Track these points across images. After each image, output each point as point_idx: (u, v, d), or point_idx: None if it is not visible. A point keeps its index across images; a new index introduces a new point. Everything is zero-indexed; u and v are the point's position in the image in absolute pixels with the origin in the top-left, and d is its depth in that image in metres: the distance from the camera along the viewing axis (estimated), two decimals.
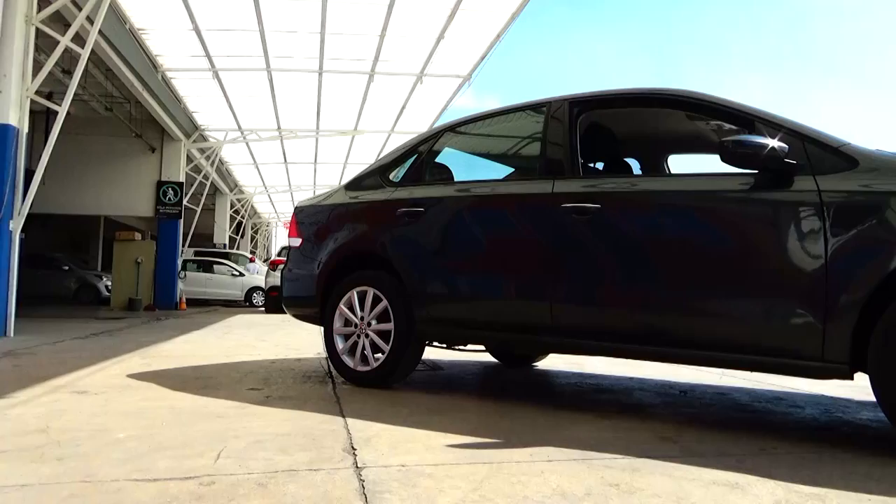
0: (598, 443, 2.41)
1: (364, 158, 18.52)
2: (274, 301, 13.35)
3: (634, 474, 2.02)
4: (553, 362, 4.98)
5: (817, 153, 2.52)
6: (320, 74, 12.67)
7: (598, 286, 2.95)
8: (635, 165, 4.02)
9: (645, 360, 3.02)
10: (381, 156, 4.60)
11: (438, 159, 3.96)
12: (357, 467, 2.06)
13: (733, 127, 2.89)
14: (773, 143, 2.50)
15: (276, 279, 13.08)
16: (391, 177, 3.96)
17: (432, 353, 5.22)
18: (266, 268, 17.30)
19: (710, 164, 3.99)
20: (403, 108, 14.77)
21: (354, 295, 3.73)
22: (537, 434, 2.55)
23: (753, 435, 2.62)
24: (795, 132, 2.58)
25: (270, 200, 29.80)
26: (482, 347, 4.45)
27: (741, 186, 2.64)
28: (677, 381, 4.13)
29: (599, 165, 3.97)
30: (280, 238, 40.57)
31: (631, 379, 4.23)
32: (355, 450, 2.27)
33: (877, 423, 2.92)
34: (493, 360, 5.01)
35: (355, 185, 4.14)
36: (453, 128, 3.97)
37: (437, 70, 12.61)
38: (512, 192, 3.40)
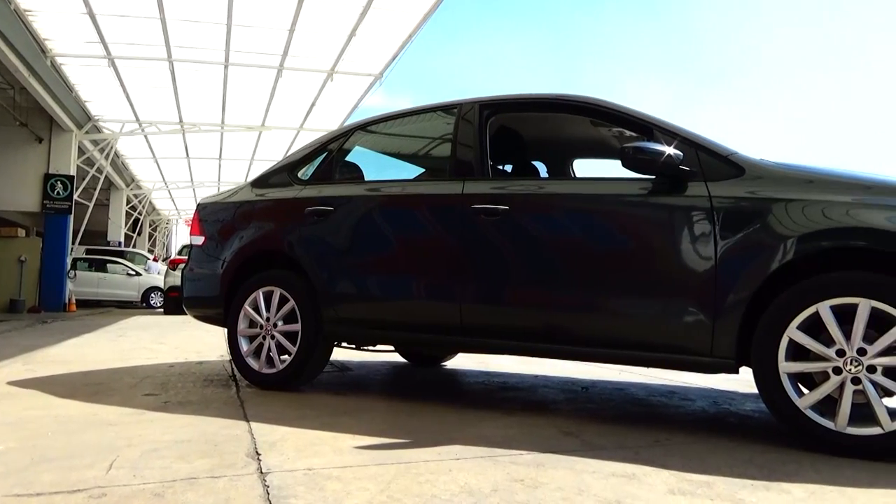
0: (504, 439, 2.46)
1: (271, 155, 18.04)
2: (174, 302, 12.74)
3: (539, 469, 2.07)
4: (461, 361, 5.04)
5: (709, 161, 2.68)
6: (226, 67, 12.24)
7: (505, 286, 3.01)
8: (542, 168, 4.14)
9: (550, 358, 3.11)
10: (290, 153, 4.49)
11: (349, 158, 3.92)
12: (261, 473, 2.00)
13: (633, 134, 3.02)
14: (670, 150, 2.64)
15: (175, 279, 12.50)
16: (300, 175, 3.88)
17: (341, 353, 5.16)
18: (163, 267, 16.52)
19: (612, 168, 4.16)
20: (313, 105, 14.51)
21: (260, 295, 3.63)
22: (445, 433, 2.57)
23: (649, 427, 2.75)
24: (690, 140, 2.73)
25: (171, 197, 28.46)
26: (391, 348, 4.44)
27: (640, 191, 2.77)
28: (580, 377, 4.28)
29: (508, 168, 4.05)
30: (181, 236, 38.85)
31: (536, 376, 4.34)
32: (259, 455, 2.21)
33: (759, 414, 3.14)
34: (402, 360, 5.01)
35: (262, 182, 4.03)
36: (364, 126, 3.94)
37: (348, 68, 12.48)
38: (422, 193, 3.42)
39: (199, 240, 4.07)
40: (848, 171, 2.55)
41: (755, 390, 2.52)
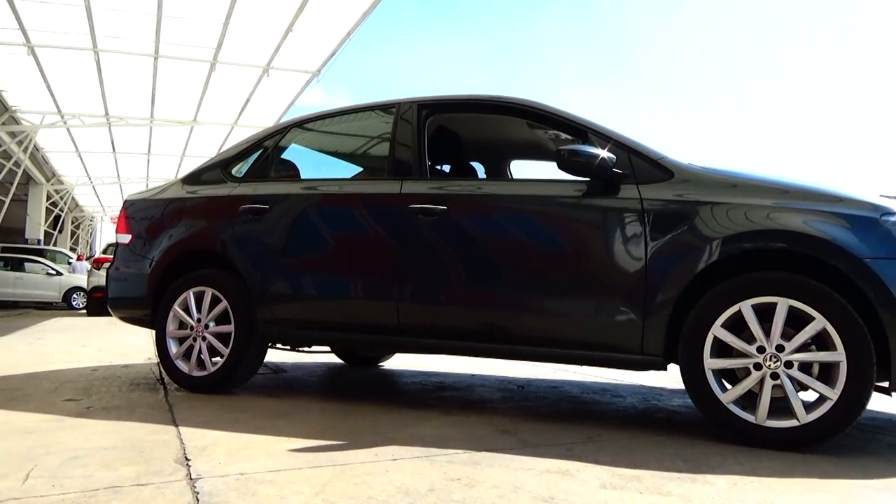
0: (441, 439, 2.47)
1: (204, 152, 17.53)
2: (98, 303, 12.19)
3: (475, 468, 2.09)
4: (398, 362, 5.02)
5: (640, 164, 2.76)
6: (156, 59, 11.82)
7: (443, 286, 3.02)
8: (480, 169, 4.17)
9: (487, 357, 3.13)
10: (224, 150, 4.38)
11: (285, 155, 3.84)
12: (191, 479, 1.94)
13: (569, 137, 3.08)
14: (604, 153, 2.71)
15: (100, 279, 11.96)
16: (233, 171, 3.78)
17: (275, 355, 5.06)
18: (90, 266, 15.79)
19: (548, 170, 4.24)
20: (248, 100, 14.19)
21: (191, 296, 3.52)
22: (382, 433, 2.56)
23: (582, 424, 2.81)
24: (622, 144, 2.81)
25: (95, 193, 27.25)
26: (327, 349, 4.38)
27: (575, 193, 2.83)
28: (516, 376, 4.34)
29: (446, 168, 4.07)
30: (106, 234, 37.19)
31: (473, 376, 4.37)
32: (189, 460, 2.14)
33: (685, 409, 3.26)
34: (338, 361, 4.95)
35: (194, 178, 3.90)
36: (301, 124, 3.87)
37: (284, 63, 12.26)
38: (360, 192, 3.39)
39: (126, 238, 3.91)
40: (768, 176, 2.68)
41: (682, 386, 2.61)
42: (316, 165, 4.20)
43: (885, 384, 2.37)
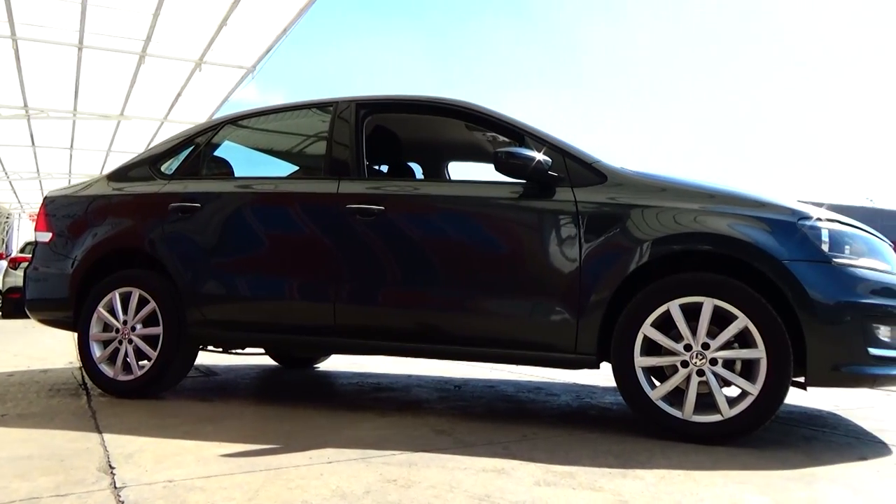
0: (377, 440, 2.45)
1: (132, 147, 16.81)
2: (14, 304, 11.54)
3: (412, 468, 2.08)
4: (335, 363, 4.96)
5: (575, 167, 2.82)
6: (80, 49, 11.27)
7: (380, 287, 3.01)
8: (418, 170, 4.17)
9: (425, 357, 3.14)
10: (153, 145, 4.22)
11: (217, 153, 3.74)
12: (115, 488, 1.86)
13: (506, 139, 3.12)
14: (540, 156, 2.75)
15: (17, 279, 11.31)
16: (163, 168, 3.65)
17: (206, 357, 4.91)
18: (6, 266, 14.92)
19: (485, 172, 4.27)
20: (179, 95, 13.72)
21: (117, 297, 3.37)
22: (317, 436, 2.52)
23: (517, 423, 2.85)
24: (558, 147, 2.87)
25: (13, 188, 25.76)
26: (261, 350, 4.29)
27: (511, 194, 2.87)
28: (452, 376, 4.36)
29: (384, 168, 4.05)
30: (24, 232, 35.26)
31: (410, 376, 4.37)
32: (113, 468, 2.05)
33: (617, 406, 3.35)
34: (272, 363, 4.85)
35: (121, 175, 3.75)
36: (235, 120, 3.77)
37: (218, 58, 11.91)
38: (296, 191, 3.33)
39: (46, 236, 3.72)
40: (695, 181, 2.79)
41: (614, 384, 2.68)
42: (250, 163, 4.11)
43: (801, 379, 2.50)
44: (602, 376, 3.79)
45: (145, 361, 3.31)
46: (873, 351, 2.45)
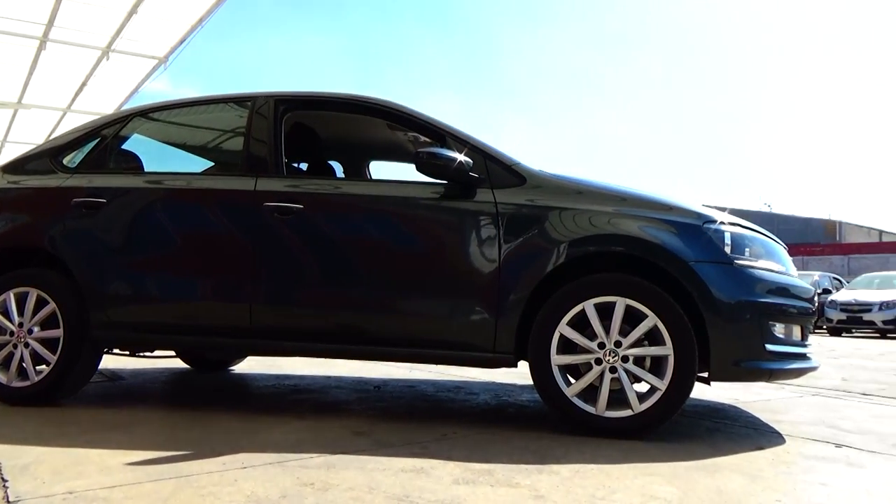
0: (294, 444, 2.40)
1: (31, 138, 15.78)
2: None
3: (329, 471, 2.05)
4: (250, 365, 4.83)
5: (495, 169, 2.86)
6: None
7: (299, 286, 2.95)
8: (338, 169, 4.12)
9: (344, 358, 3.10)
10: (54, 137, 3.97)
11: (126, 146, 3.56)
12: (8, 501, 1.74)
13: (428, 140, 3.13)
14: (461, 157, 2.78)
15: None
16: (65, 161, 3.44)
17: (112, 361, 4.67)
18: None
19: (407, 172, 4.27)
20: (84, 84, 12.97)
21: (11, 297, 3.15)
22: (232, 441, 2.44)
23: (437, 422, 2.86)
24: (479, 149, 2.90)
25: None
26: (172, 353, 4.12)
27: (432, 195, 2.88)
28: (372, 377, 4.33)
29: (303, 166, 3.98)
30: None
31: (328, 377, 4.30)
32: (6, 481, 1.91)
33: (534, 404, 3.42)
34: (183, 365, 4.67)
35: (17, 167, 3.51)
36: (145, 113, 3.60)
37: (127, 47, 11.35)
38: (211, 188, 3.21)
39: None
40: (609, 184, 2.89)
41: (531, 382, 2.74)
42: (161, 158, 3.94)
43: (705, 374, 2.64)
44: (519, 375, 3.87)
45: (44, 366, 3.11)
46: (770, 347, 2.61)
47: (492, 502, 1.80)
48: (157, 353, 3.71)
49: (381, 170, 4.33)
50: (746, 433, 2.79)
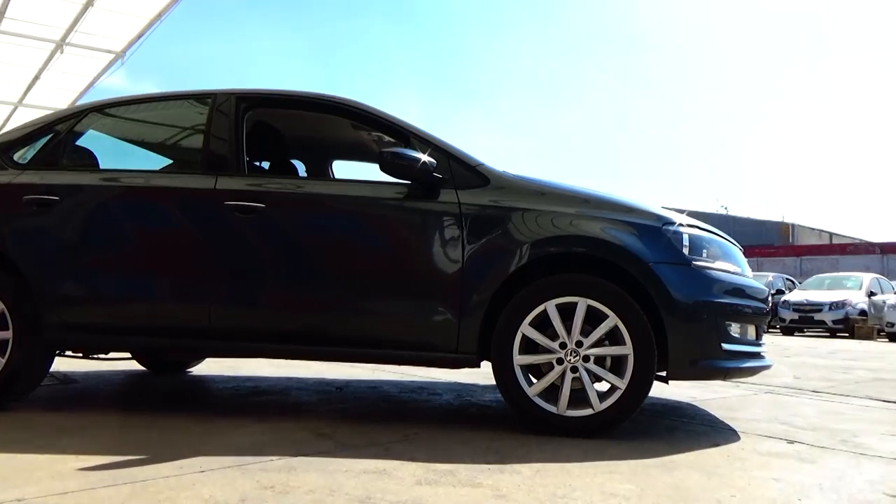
0: (254, 446, 2.37)
1: None
2: None
3: (290, 474, 2.03)
4: (209, 367, 4.74)
5: (459, 170, 2.87)
6: None
7: (260, 287, 2.91)
8: (301, 168, 4.08)
9: (306, 359, 3.07)
10: (4, 131, 3.84)
11: (80, 142, 3.46)
12: None
13: (392, 140, 3.12)
14: (425, 157, 2.78)
15: None
16: (16, 157, 3.32)
17: (64, 363, 4.53)
18: None
19: (370, 172, 4.25)
20: (37, 77, 12.60)
21: None
22: (190, 445, 2.39)
23: (399, 423, 2.85)
24: (443, 150, 2.90)
25: None
26: (127, 355, 4.02)
27: (396, 195, 2.87)
28: (334, 378, 4.30)
29: (265, 165, 3.92)
30: None
31: (290, 379, 4.26)
32: None
33: (496, 404, 3.44)
34: (139, 367, 4.56)
35: None
36: (102, 108, 3.50)
37: (83, 41, 11.06)
38: (170, 186, 3.15)
39: None
40: (572, 186, 2.92)
41: (493, 382, 2.75)
42: (118, 155, 3.84)
43: (664, 373, 2.69)
44: (482, 375, 3.88)
45: None
46: (726, 346, 2.68)
47: (454, 502, 1.80)
48: (111, 354, 3.61)
49: (344, 169, 4.31)
50: (703, 431, 2.85)
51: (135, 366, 4.58)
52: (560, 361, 2.63)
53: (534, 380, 2.72)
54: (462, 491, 1.90)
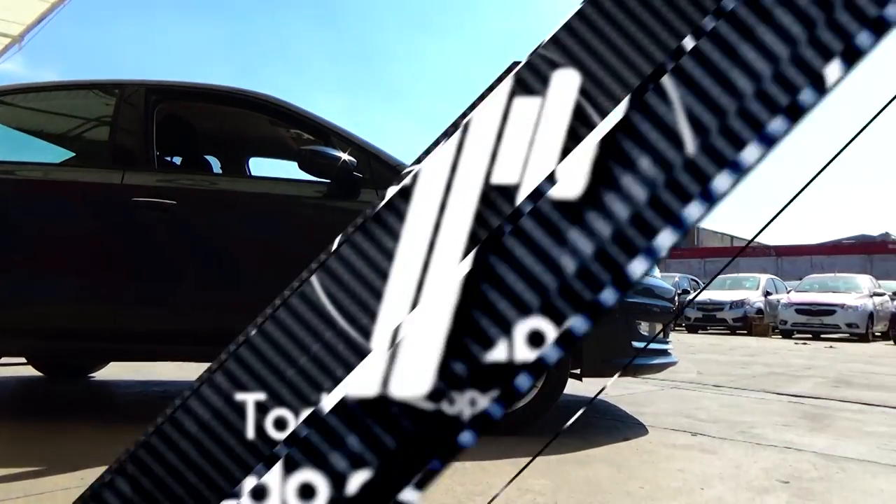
0: None
1: None
2: None
3: None
4: (114, 371, 4.51)
5: (380, 170, 2.86)
6: None
7: (171, 287, 2.80)
8: (215, 164, 3.95)
9: None
10: None
11: None
12: None
13: (311, 137, 3.07)
14: (345, 156, 2.75)
15: None
16: None
17: None
18: None
19: (288, 169, 4.17)
20: None
21: None
22: (92, 454, 2.26)
23: None
24: (363, 149, 2.88)
25: None
26: (22, 360, 3.77)
27: (315, 194, 2.83)
28: None
29: (177, 160, 3.77)
30: None
31: None
32: None
33: None
34: (36, 373, 4.28)
35: None
36: None
37: None
38: (71, 180, 2.97)
39: None
40: None
41: None
42: (13, 146, 3.59)
43: (577, 371, 2.78)
44: None
45: None
46: (636, 344, 2.79)
47: None
48: (2, 360, 3.38)
49: (261, 167, 4.20)
50: (614, 425, 2.96)
51: (30, 371, 4.29)
52: None
53: None
54: None
